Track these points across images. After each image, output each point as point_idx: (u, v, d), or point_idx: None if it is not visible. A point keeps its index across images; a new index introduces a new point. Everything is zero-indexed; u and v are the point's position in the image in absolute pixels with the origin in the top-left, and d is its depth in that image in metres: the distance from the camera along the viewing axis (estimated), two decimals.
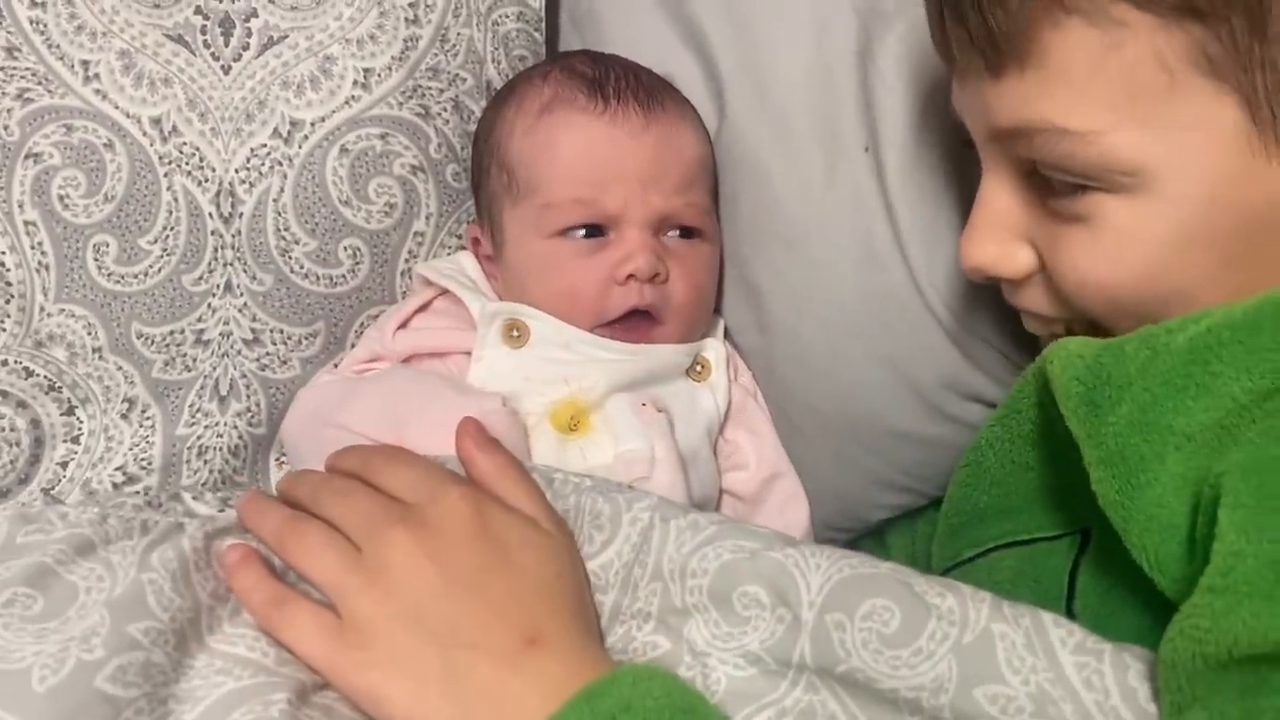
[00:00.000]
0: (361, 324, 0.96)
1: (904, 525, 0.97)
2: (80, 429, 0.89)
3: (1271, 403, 0.54)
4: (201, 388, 0.91)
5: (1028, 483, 0.66)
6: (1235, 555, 0.49)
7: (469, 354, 0.89)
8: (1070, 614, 0.57)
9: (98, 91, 0.90)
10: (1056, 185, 0.65)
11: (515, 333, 0.88)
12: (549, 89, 0.91)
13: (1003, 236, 0.69)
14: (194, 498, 0.74)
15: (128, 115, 0.90)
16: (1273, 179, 0.59)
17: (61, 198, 0.88)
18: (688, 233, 0.91)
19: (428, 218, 0.97)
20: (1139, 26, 0.59)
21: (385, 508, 0.64)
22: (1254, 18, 0.57)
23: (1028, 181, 0.67)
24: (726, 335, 0.97)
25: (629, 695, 0.54)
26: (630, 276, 0.87)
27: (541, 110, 0.90)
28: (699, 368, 0.93)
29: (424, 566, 0.60)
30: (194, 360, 0.91)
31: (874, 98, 0.89)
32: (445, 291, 0.93)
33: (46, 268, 0.88)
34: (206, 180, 0.91)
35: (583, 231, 0.88)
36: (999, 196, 0.69)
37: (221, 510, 0.73)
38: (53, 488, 0.88)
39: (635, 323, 0.89)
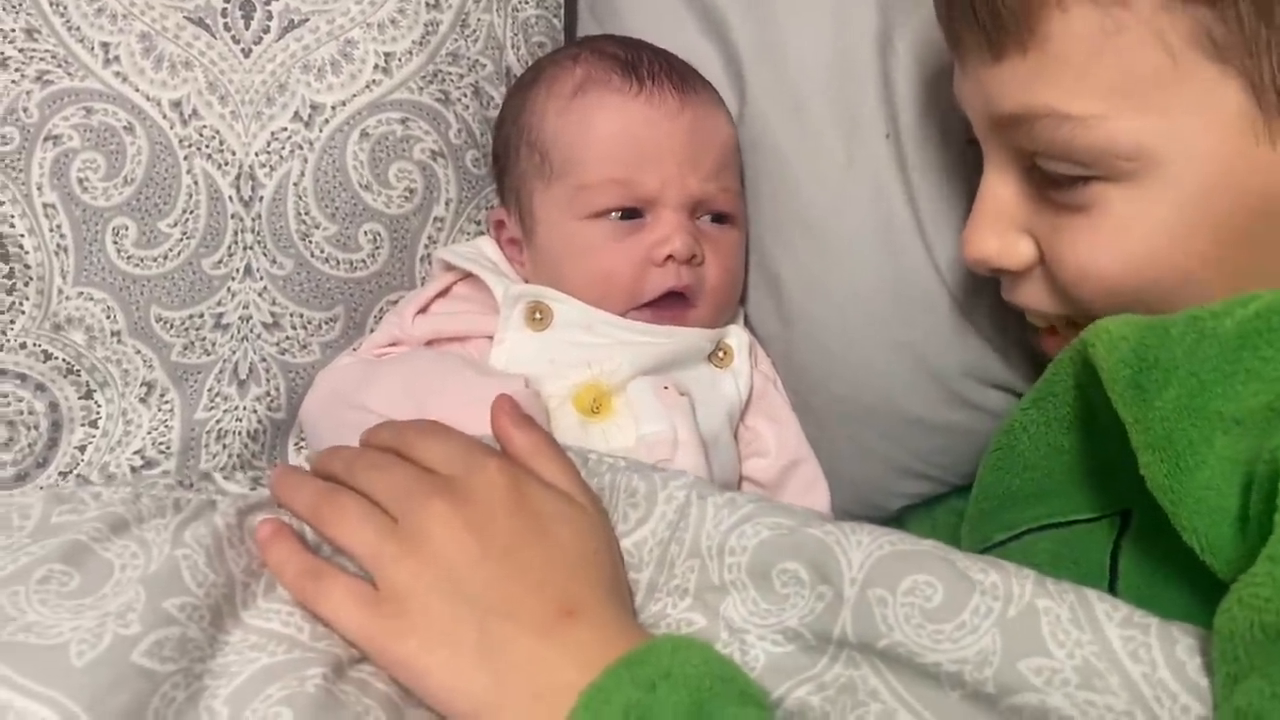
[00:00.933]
0: (381, 309, 0.96)
1: (923, 513, 0.97)
2: (98, 413, 0.89)
3: None
4: (220, 371, 0.91)
5: (1063, 465, 0.65)
6: None
7: (489, 338, 0.88)
8: (1113, 594, 0.56)
9: (118, 74, 0.90)
10: (1057, 177, 0.65)
11: (538, 315, 0.88)
12: (581, 70, 0.91)
13: (1004, 228, 0.70)
14: (225, 477, 0.74)
15: (148, 98, 0.90)
16: (1276, 164, 0.60)
17: (81, 180, 0.88)
18: (720, 218, 0.92)
19: (447, 203, 0.97)
20: (1142, 8, 0.59)
21: (423, 479, 0.64)
22: (1262, 1, 0.57)
23: (1028, 174, 0.68)
24: (746, 323, 0.97)
25: (668, 663, 0.54)
26: (669, 258, 0.87)
27: (575, 91, 0.90)
28: (721, 354, 0.92)
29: (462, 537, 0.60)
30: (213, 344, 0.91)
31: (894, 86, 0.89)
32: (465, 276, 0.93)
33: (65, 250, 0.88)
34: (226, 164, 0.91)
35: (619, 213, 0.88)
36: (1000, 188, 0.70)
37: (253, 489, 0.72)
38: (70, 471, 0.88)
39: (669, 305, 0.89)
